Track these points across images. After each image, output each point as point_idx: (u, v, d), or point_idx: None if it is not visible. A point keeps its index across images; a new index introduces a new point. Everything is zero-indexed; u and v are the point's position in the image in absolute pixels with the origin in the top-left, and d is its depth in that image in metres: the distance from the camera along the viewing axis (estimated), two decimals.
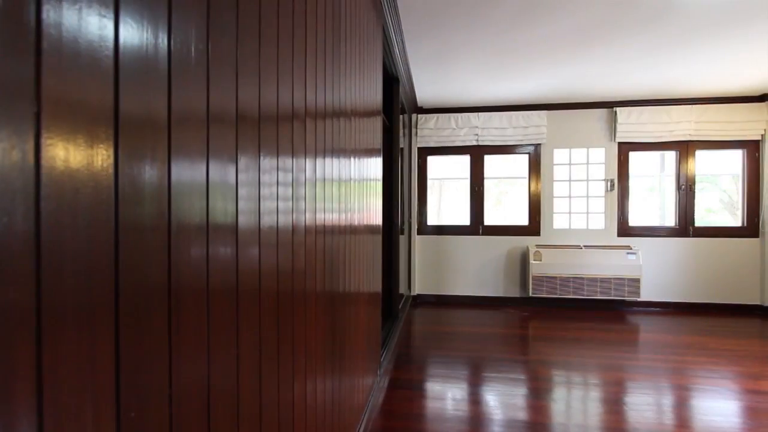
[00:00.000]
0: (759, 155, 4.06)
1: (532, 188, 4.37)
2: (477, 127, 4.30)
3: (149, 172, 0.44)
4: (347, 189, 1.29)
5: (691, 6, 2.31)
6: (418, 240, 4.50)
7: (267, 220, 0.73)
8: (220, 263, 0.57)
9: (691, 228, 4.14)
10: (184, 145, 0.50)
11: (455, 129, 4.34)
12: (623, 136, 4.14)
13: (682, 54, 3.01)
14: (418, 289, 4.51)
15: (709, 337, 3.18)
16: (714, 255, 4.10)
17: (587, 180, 4.29)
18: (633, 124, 4.11)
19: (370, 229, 1.78)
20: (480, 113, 4.32)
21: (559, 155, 4.32)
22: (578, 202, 4.30)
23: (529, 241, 4.33)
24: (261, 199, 0.71)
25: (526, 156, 4.40)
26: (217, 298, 0.57)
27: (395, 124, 3.01)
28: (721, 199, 4.31)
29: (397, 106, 3.02)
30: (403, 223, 3.65)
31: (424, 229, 4.52)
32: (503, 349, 2.85)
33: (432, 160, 4.58)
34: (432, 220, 4.65)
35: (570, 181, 4.31)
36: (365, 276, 1.70)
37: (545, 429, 1.78)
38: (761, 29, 2.60)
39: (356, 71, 1.39)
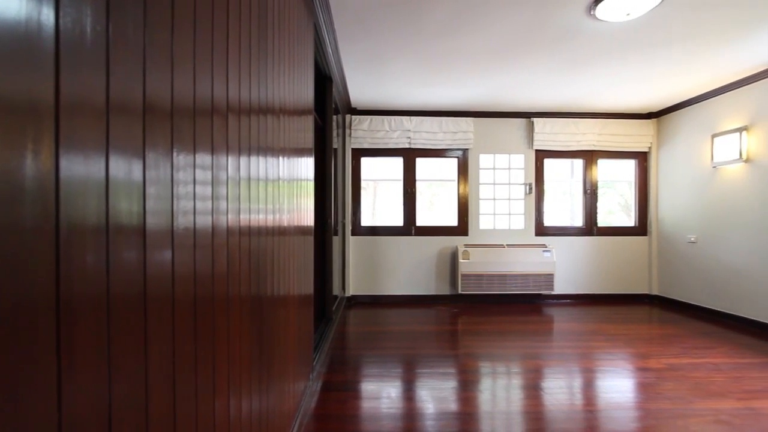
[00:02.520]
0: (647, 165, 4.70)
1: (461, 191, 4.60)
2: (410, 130, 4.43)
3: (31, 167, 0.38)
4: (276, 189, 1.24)
5: (591, 32, 2.60)
6: (352, 241, 4.50)
7: (182, 221, 0.68)
8: (123, 269, 0.52)
9: (594, 228, 4.66)
10: (77, 138, 0.44)
11: (388, 131, 4.41)
12: (539, 144, 4.53)
13: (586, 73, 3.38)
14: (352, 290, 4.51)
15: (609, 324, 3.60)
16: (613, 251, 4.65)
17: (509, 184, 4.62)
18: (547, 134, 4.51)
19: (301, 230, 1.74)
20: (413, 117, 4.44)
21: (485, 160, 4.61)
22: (501, 204, 4.62)
23: (458, 241, 4.55)
24: (175, 199, 0.65)
25: (456, 160, 4.62)
26: (120, 306, 0.51)
27: (328, 123, 2.98)
28: (618, 202, 4.91)
29: (330, 105, 3.00)
30: (336, 224, 3.62)
31: (359, 230, 4.54)
32: (435, 345, 2.95)
33: (366, 162, 4.62)
34: (366, 221, 4.68)
35: (494, 184, 4.62)
36: (296, 278, 1.65)
37: (473, 418, 1.87)
38: (646, 58, 3.02)
39: (285, 67, 1.35)
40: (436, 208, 4.79)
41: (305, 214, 1.81)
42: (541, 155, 4.63)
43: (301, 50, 1.69)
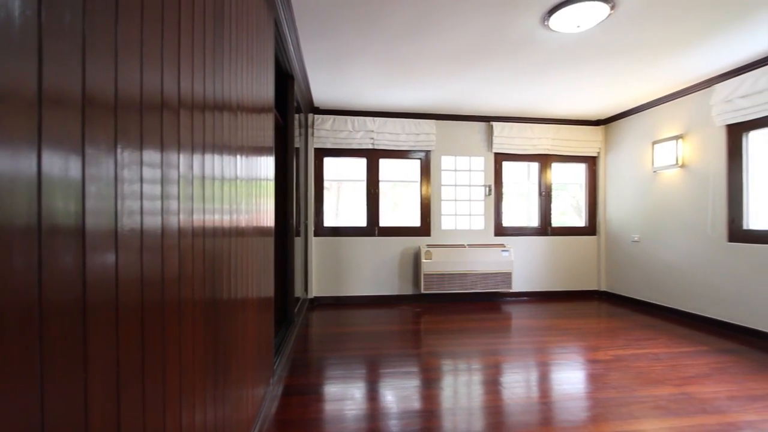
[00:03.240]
0: (596, 168, 5.00)
1: (423, 192, 4.67)
2: (373, 131, 4.43)
3: None
4: (233, 189, 1.20)
5: (545, 42, 2.73)
6: (315, 242, 4.44)
7: (128, 222, 0.64)
8: (58, 273, 0.48)
9: (549, 228, 4.89)
10: (2, 131, 0.40)
11: (351, 132, 4.40)
12: (498, 147, 4.69)
13: (541, 81, 3.54)
14: (315, 291, 4.45)
15: (562, 319, 3.78)
16: (565, 250, 4.90)
17: (470, 185, 4.75)
18: (505, 138, 4.68)
19: (261, 231, 1.69)
20: (376, 118, 4.46)
21: (446, 162, 4.71)
22: (462, 205, 4.74)
23: (421, 241, 4.61)
24: (119, 198, 0.61)
25: (418, 161, 4.68)
26: (55, 314, 0.47)
27: (290, 122, 2.92)
28: (571, 204, 5.18)
29: (291, 104, 2.94)
30: (299, 224, 3.56)
31: (322, 230, 4.49)
32: (398, 345, 2.97)
33: (329, 162, 4.58)
34: (330, 221, 4.64)
35: (455, 185, 4.73)
36: (255, 281, 1.60)
37: (435, 415, 1.90)
38: (595, 69, 3.21)
39: (243, 63, 1.31)
40: (400, 208, 4.84)
41: (265, 215, 1.76)
42: (500, 158, 4.80)
43: (261, 46, 1.65)
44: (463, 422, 1.84)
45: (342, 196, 4.85)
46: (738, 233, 3.32)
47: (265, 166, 1.77)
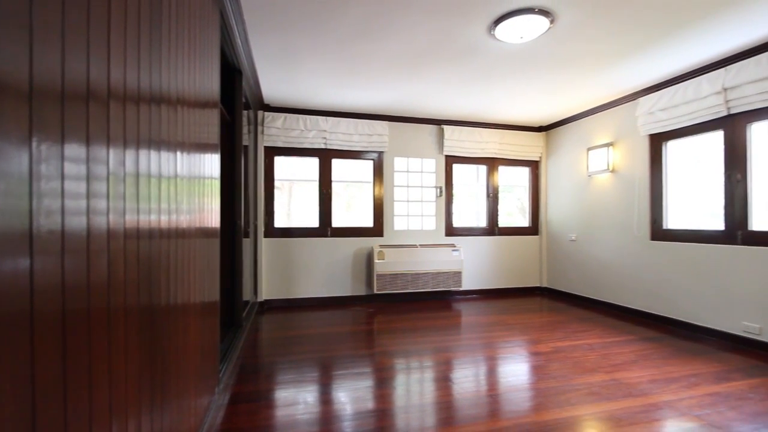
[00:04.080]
0: (538, 172, 5.31)
1: (376, 192, 4.69)
2: (325, 131, 4.38)
3: None
4: (173, 187, 1.12)
5: (492, 50, 2.86)
6: (265, 243, 4.30)
7: (46, 223, 0.57)
8: None
9: (496, 228, 5.11)
10: None
11: (303, 131, 4.32)
12: (449, 150, 4.83)
13: (488, 87, 3.70)
14: (265, 294, 4.31)
15: (508, 315, 3.97)
16: (511, 249, 5.15)
17: (422, 186, 4.84)
18: (456, 141, 4.83)
19: (205, 233, 1.60)
20: (329, 117, 4.41)
21: (399, 163, 4.77)
22: (415, 206, 4.82)
23: (373, 242, 4.62)
24: (35, 196, 0.55)
25: (371, 162, 4.70)
26: None
27: (238, 119, 2.81)
28: (516, 205, 5.45)
29: (240, 100, 2.83)
30: (248, 225, 3.43)
31: (272, 231, 4.36)
32: (351, 346, 2.96)
33: (280, 161, 4.46)
34: (281, 222, 4.52)
35: (408, 187, 4.80)
36: (199, 284, 1.52)
37: (388, 414, 1.91)
38: (536, 78, 3.41)
39: (185, 54, 1.23)
40: (354, 209, 4.82)
41: (210, 215, 1.67)
42: (451, 160, 4.94)
43: (205, 37, 1.56)
44: (415, 419, 1.86)
45: (294, 196, 4.74)
46: (659, 232, 3.68)
47: (210, 163, 1.68)
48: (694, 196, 3.44)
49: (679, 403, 2.03)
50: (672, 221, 3.62)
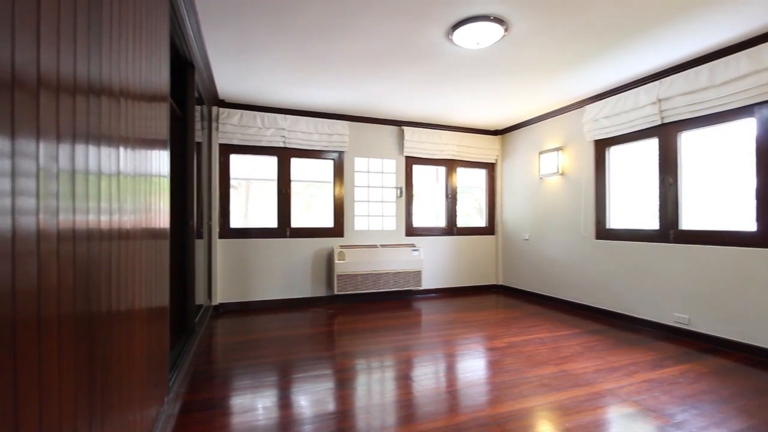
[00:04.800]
0: (494, 174, 5.50)
1: (337, 192, 4.65)
2: (284, 129, 4.29)
3: None
4: (115, 185, 1.04)
5: (450, 55, 2.92)
6: (220, 244, 4.13)
7: None
8: None
9: (455, 228, 5.24)
10: None
11: (261, 128, 4.20)
12: (409, 151, 4.89)
13: (447, 90, 3.78)
14: (220, 297, 4.14)
15: (466, 313, 4.08)
16: (469, 249, 5.30)
17: (382, 187, 4.87)
18: (416, 142, 4.90)
19: (152, 234, 1.51)
20: (287, 115, 4.32)
21: (359, 163, 4.76)
22: (375, 206, 4.83)
23: (334, 242, 4.58)
24: None
25: (332, 162, 4.65)
26: None
27: (190, 114, 2.67)
28: (474, 206, 5.62)
29: (192, 94, 2.69)
30: (201, 226, 3.27)
31: (228, 232, 4.19)
32: (311, 348, 2.91)
33: (236, 159, 4.30)
34: (238, 222, 4.36)
35: (368, 187, 4.80)
36: (145, 289, 1.43)
37: (349, 415, 1.90)
38: (492, 83, 3.53)
39: (129, 43, 1.15)
40: (314, 209, 4.75)
41: (158, 215, 1.58)
42: (411, 161, 5.00)
43: (152, 26, 1.47)
44: (376, 419, 1.86)
45: (251, 195, 4.60)
46: (603, 232, 3.93)
47: (158, 160, 1.58)
48: (634, 198, 3.71)
49: (620, 390, 2.18)
50: (614, 221, 3.89)
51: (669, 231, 3.30)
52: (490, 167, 5.48)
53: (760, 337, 2.69)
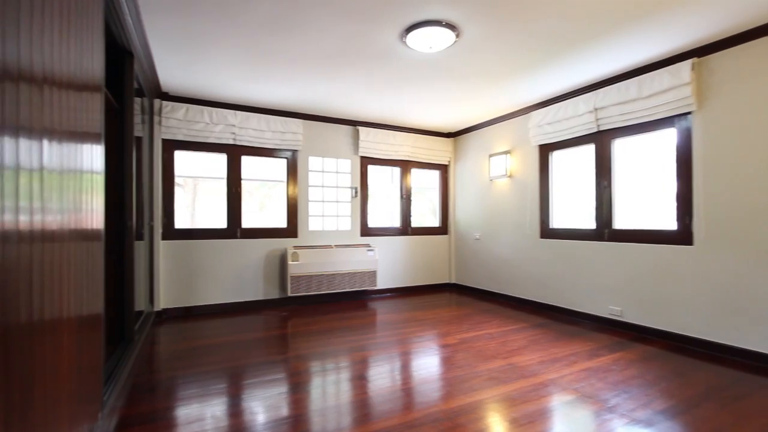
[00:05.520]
0: (447, 175, 5.65)
1: (290, 192, 4.55)
2: (234, 125, 4.12)
3: None
4: (37, 182, 0.94)
5: (404, 57, 2.96)
6: (163, 246, 3.89)
7: None
8: None
9: (409, 228, 5.32)
10: None
11: (209, 124, 4.00)
12: (364, 151, 4.89)
13: (401, 92, 3.83)
14: (163, 302, 3.89)
15: (420, 311, 4.15)
16: (423, 248, 5.41)
17: (337, 187, 4.83)
18: (371, 143, 4.92)
19: (83, 235, 1.38)
20: (238, 111, 4.15)
21: (314, 162, 4.69)
22: (330, 206, 4.78)
23: (287, 243, 4.48)
24: None
25: (285, 160, 4.54)
26: None
27: (128, 106, 2.49)
28: (428, 206, 5.73)
29: (130, 85, 2.51)
30: (141, 226, 3.06)
31: (172, 233, 3.96)
32: (263, 353, 2.82)
33: (182, 155, 4.07)
34: (184, 222, 4.13)
35: (323, 187, 4.74)
36: (75, 296, 1.30)
37: (304, 418, 1.86)
38: (445, 87, 3.62)
39: (55, 25, 1.04)
40: (267, 209, 4.61)
41: (90, 215, 1.45)
42: (366, 161, 5.01)
43: (83, 8, 1.35)
44: (332, 421, 1.84)
45: (199, 194, 4.37)
46: (546, 231, 4.18)
47: (91, 155, 1.45)
48: (574, 200, 3.98)
49: (561, 379, 2.32)
50: (557, 221, 4.14)
51: (604, 230, 3.57)
52: (444, 168, 5.62)
53: (681, 325, 2.99)
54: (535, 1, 2.24)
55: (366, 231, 4.98)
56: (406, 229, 5.29)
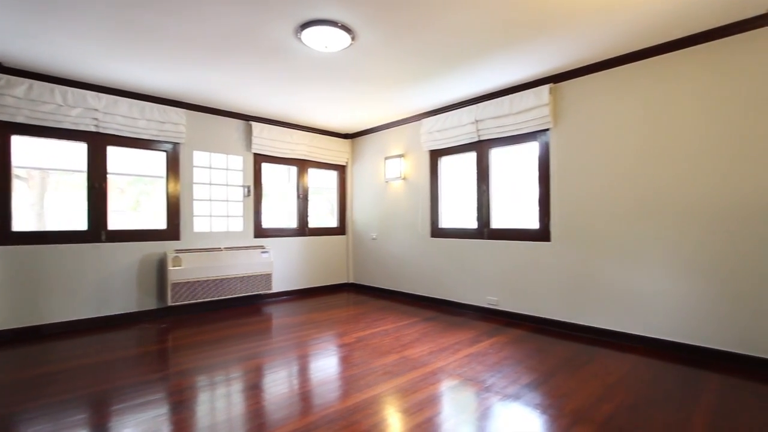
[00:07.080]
0: (345, 176, 5.70)
1: (171, 189, 4.08)
2: (97, 110, 3.53)
3: None
4: None
5: (300, 54, 2.90)
6: None
7: None
8: None
9: (307, 229, 5.22)
10: None
11: (63, 106, 3.36)
12: (258, 148, 4.65)
13: (298, 90, 3.74)
14: None
15: (317, 313, 4.10)
16: (321, 249, 5.36)
17: (227, 185, 4.49)
18: (265, 139, 4.69)
19: None
20: (102, 94, 3.57)
21: (200, 158, 4.28)
22: (219, 206, 4.42)
23: (167, 246, 4.01)
24: None
25: (164, 154, 4.05)
26: None
27: None
28: (326, 207, 5.70)
29: None
30: None
31: (8, 237, 3.22)
32: (135, 372, 2.46)
33: (23, 141, 3.33)
34: (28, 224, 3.38)
35: (211, 184, 4.36)
36: None
37: None
38: (342, 88, 3.65)
39: None
40: (144, 208, 4.05)
41: None
42: (260, 159, 4.76)
43: None
44: None
45: (49, 190, 3.63)
46: (436, 231, 4.51)
47: None
48: (460, 202, 4.37)
49: (447, 367, 2.53)
50: (445, 222, 4.50)
51: (484, 229, 4.01)
52: (341, 169, 5.66)
53: (543, 309, 3.51)
54: (427, 14, 2.40)
55: (260, 232, 4.73)
56: (303, 229, 5.17)
